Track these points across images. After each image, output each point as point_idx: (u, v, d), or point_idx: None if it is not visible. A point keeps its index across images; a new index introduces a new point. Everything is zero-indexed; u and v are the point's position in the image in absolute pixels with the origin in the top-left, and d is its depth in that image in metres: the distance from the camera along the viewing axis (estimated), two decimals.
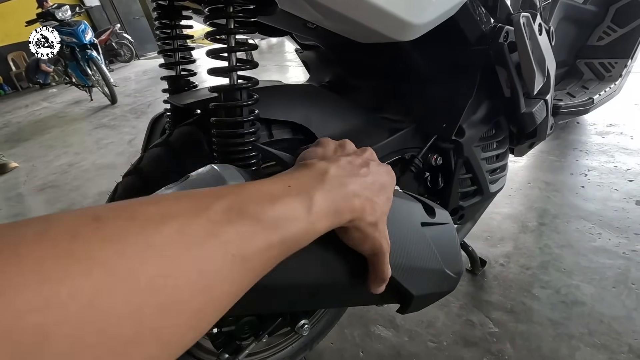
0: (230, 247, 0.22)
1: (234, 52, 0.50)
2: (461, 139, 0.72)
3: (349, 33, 0.56)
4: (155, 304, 0.18)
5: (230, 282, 0.22)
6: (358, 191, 0.31)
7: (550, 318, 0.93)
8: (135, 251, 0.18)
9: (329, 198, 0.29)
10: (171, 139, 0.60)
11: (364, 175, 0.33)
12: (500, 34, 0.62)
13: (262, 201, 0.25)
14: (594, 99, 1.01)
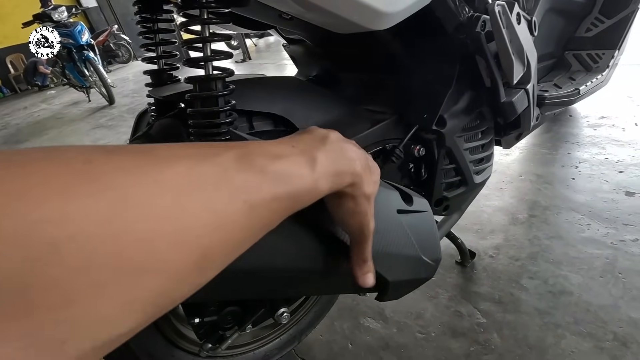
0: (239, 193, 0.23)
1: (209, 43, 0.50)
2: (443, 129, 0.73)
3: (324, 23, 0.56)
4: (166, 234, 0.18)
5: (240, 227, 0.23)
6: (355, 157, 0.32)
7: (538, 308, 0.94)
8: (148, 181, 0.19)
9: (331, 159, 0.30)
10: (152, 132, 0.61)
11: (357, 148, 0.34)
12: (477, 23, 0.63)
13: (269, 156, 0.26)
14: (580, 89, 1.01)
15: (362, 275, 0.40)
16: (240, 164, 0.24)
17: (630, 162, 1.39)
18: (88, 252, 0.15)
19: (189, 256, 0.20)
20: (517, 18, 0.67)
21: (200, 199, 0.20)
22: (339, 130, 0.72)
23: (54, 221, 0.15)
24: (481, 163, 0.86)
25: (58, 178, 0.16)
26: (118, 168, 0.18)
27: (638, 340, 0.81)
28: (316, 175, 0.28)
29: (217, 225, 0.21)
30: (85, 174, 0.17)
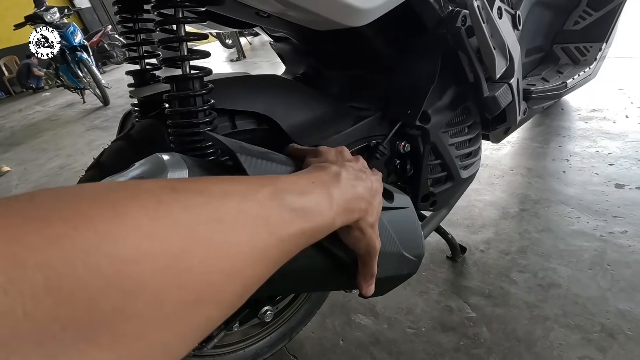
0: (274, 229, 0.25)
1: (185, 42, 0.50)
2: (427, 125, 0.73)
3: (301, 21, 0.56)
4: (221, 268, 0.21)
5: (272, 260, 0.25)
6: (363, 194, 0.36)
7: (527, 301, 0.94)
8: (207, 220, 0.21)
9: (344, 197, 0.33)
10: (132, 132, 0.61)
11: (364, 180, 0.38)
12: (457, 18, 0.62)
13: (296, 193, 0.29)
14: (567, 83, 1.01)
15: (366, 288, 0.44)
16: (273, 201, 0.26)
17: (621, 154, 1.39)
18: (163, 286, 0.18)
19: (236, 287, 0.22)
20: (499, 12, 0.67)
21: (245, 235, 0.23)
22: (323, 127, 0.72)
23: (141, 259, 0.17)
24: (468, 158, 0.86)
25: (140, 219, 0.18)
26: (183, 208, 0.20)
27: (625, 331, 0.82)
28: (333, 212, 0.31)
29: (256, 258, 0.24)
30: (159, 217, 0.19)
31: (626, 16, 1.29)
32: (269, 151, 0.48)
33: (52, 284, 0.14)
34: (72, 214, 0.16)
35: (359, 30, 0.70)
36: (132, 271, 0.16)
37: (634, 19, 2.51)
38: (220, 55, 6.37)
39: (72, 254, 0.15)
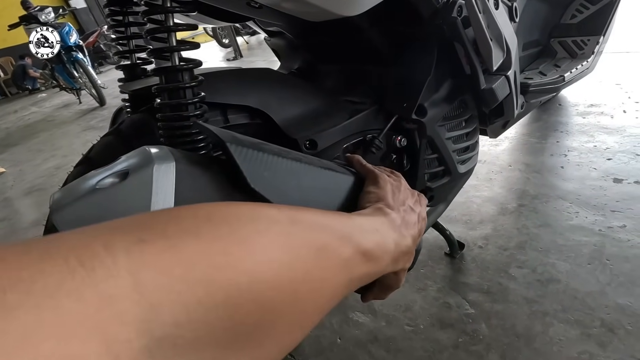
0: (350, 269, 0.28)
1: (173, 33, 0.49)
2: (423, 119, 0.72)
3: (294, 11, 0.55)
4: (317, 301, 0.25)
5: (340, 295, 0.28)
6: (411, 246, 0.38)
7: (526, 297, 0.93)
8: (313, 251, 0.26)
9: (399, 247, 0.35)
10: (122, 127, 0.59)
11: (413, 227, 0.40)
12: (453, 9, 0.61)
13: (368, 236, 0.31)
14: (564, 76, 1.00)
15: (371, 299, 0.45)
16: (351, 241, 0.29)
17: (618, 149, 1.39)
18: (287, 311, 0.22)
19: (319, 313, 0.26)
20: (495, 3, 0.66)
21: (331, 272, 0.26)
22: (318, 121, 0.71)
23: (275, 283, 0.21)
24: (465, 152, 0.85)
25: (261, 236, 0.22)
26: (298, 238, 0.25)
27: (625, 326, 0.81)
28: (390, 258, 0.34)
29: (336, 294, 0.27)
30: (286, 233, 0.24)
31: (624, 11, 1.28)
32: (261, 142, 0.47)
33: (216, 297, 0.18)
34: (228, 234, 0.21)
35: (354, 22, 0.69)
36: (261, 282, 0.20)
37: (631, 14, 2.51)
38: (217, 54, 6.35)
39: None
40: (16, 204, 2.40)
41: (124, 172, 0.37)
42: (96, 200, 0.35)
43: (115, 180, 0.36)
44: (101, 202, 0.35)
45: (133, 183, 0.36)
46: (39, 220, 2.04)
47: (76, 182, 0.38)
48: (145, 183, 0.36)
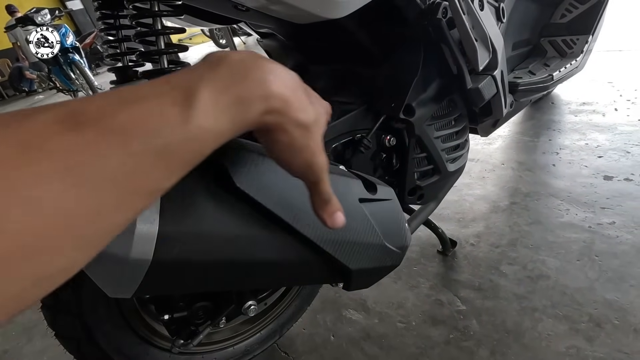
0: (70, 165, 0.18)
1: (162, 35, 0.50)
2: (411, 118, 0.73)
3: (280, 14, 0.56)
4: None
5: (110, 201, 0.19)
6: (273, 77, 0.25)
7: (516, 293, 0.94)
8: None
9: (222, 86, 0.23)
10: None
11: (280, 70, 0.27)
12: (437, 10, 0.62)
13: (114, 105, 0.20)
14: (553, 75, 1.01)
15: (329, 217, 0.35)
16: (66, 124, 0.18)
17: (609, 146, 1.40)
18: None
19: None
20: (480, 4, 0.67)
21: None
22: None
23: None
24: (455, 151, 0.86)
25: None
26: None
27: (612, 320, 0.82)
28: (195, 112, 0.21)
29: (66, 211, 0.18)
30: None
31: (616, 10, 1.29)
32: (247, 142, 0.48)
33: None
34: None
35: (342, 24, 0.70)
36: None
37: (621, 13, 2.53)
38: None
39: None
40: None
41: None
42: None
43: None
44: None
45: None
46: None
47: None
48: None
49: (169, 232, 0.37)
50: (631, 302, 0.85)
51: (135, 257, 0.36)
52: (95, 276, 0.38)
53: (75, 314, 0.58)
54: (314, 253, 0.48)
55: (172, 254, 0.38)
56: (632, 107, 1.61)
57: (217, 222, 0.41)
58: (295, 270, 0.51)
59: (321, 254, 0.49)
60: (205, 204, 0.41)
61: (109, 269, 0.37)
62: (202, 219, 0.40)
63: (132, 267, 0.36)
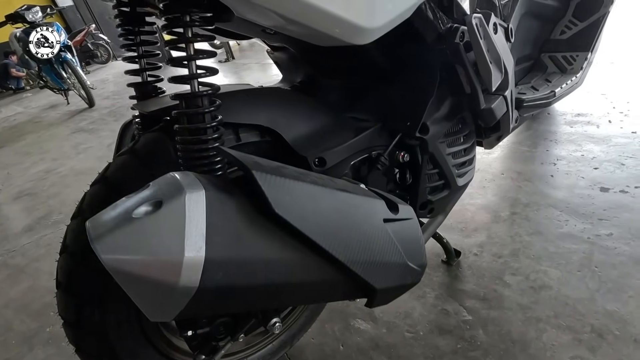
0: None
1: (194, 60, 0.50)
2: (425, 136, 0.75)
3: (307, 37, 0.57)
4: None
5: None
6: None
7: (520, 303, 0.97)
8: None
9: None
10: (137, 147, 0.61)
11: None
12: (455, 35, 0.65)
13: None
14: (555, 91, 1.05)
15: None
16: None
17: (605, 158, 1.45)
18: None
19: None
20: (494, 28, 0.69)
21: None
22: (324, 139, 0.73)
23: None
24: (464, 166, 0.89)
25: None
26: None
27: (613, 331, 0.85)
28: None
29: None
30: None
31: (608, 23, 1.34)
32: (282, 165, 0.49)
33: None
34: None
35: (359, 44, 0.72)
36: None
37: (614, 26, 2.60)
38: None
39: None
40: (5, 209, 2.35)
41: (157, 201, 0.39)
42: (134, 229, 0.36)
43: (149, 209, 0.38)
44: (139, 230, 0.36)
45: (167, 212, 0.38)
46: (30, 227, 2.01)
47: (111, 210, 0.39)
48: (179, 212, 0.38)
49: (214, 258, 0.38)
50: (631, 313, 0.88)
51: (183, 285, 0.37)
52: (138, 300, 0.39)
53: (98, 331, 0.59)
54: (343, 274, 0.50)
55: (216, 279, 0.39)
56: (625, 119, 1.67)
57: (258, 247, 0.42)
58: (324, 290, 0.52)
59: (350, 274, 0.50)
60: (248, 231, 0.42)
61: (154, 295, 0.38)
62: (245, 245, 0.41)
63: (179, 294, 0.37)
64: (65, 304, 0.58)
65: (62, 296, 0.57)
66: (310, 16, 0.47)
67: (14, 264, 1.66)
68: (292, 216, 0.43)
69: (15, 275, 1.57)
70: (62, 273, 0.57)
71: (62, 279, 0.57)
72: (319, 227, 0.45)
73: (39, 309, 1.35)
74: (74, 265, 0.56)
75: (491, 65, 0.68)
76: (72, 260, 0.57)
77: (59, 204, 2.21)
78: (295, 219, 0.43)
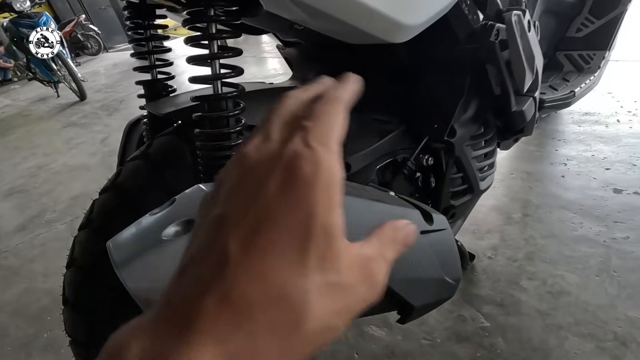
0: None
1: (218, 59, 0.46)
2: (452, 139, 0.71)
3: (338, 34, 0.53)
4: None
5: None
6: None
7: (539, 309, 0.95)
8: None
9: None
10: (150, 151, 0.56)
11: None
12: (491, 32, 0.61)
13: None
14: (575, 91, 1.02)
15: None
16: None
17: (616, 158, 1.43)
18: None
19: None
20: (528, 25, 0.66)
21: None
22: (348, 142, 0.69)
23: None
24: (486, 170, 0.85)
25: None
26: None
27: (637, 339, 0.83)
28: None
29: None
30: None
31: None
32: None
33: None
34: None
35: None
36: None
37: None
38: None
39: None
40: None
41: (187, 220, 0.34)
42: (165, 253, 0.32)
43: (179, 229, 0.34)
44: (170, 255, 0.32)
45: None
46: (23, 225, 1.94)
47: (135, 230, 0.35)
48: None
49: None
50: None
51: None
52: None
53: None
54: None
55: None
56: (633, 119, 1.65)
57: None
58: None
59: (387, 291, 0.47)
60: None
61: None
62: None
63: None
64: (74, 323, 0.53)
65: (70, 314, 0.53)
66: (351, 12, 0.43)
67: (7, 265, 1.60)
68: None
69: (9, 277, 1.51)
70: (70, 289, 0.52)
71: (69, 296, 0.52)
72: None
73: (36, 313, 1.30)
74: (83, 280, 0.52)
75: (526, 64, 0.64)
76: (80, 274, 0.52)
77: (52, 202, 2.14)
78: None
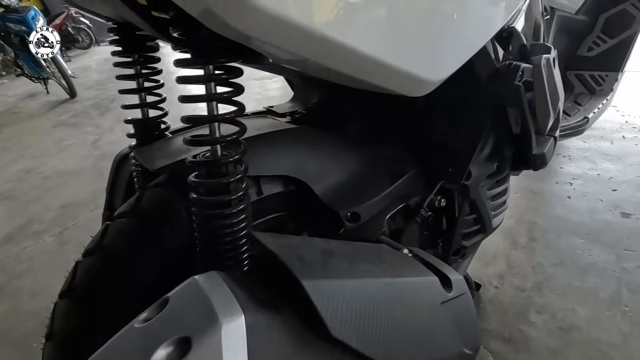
0: None
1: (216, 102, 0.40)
2: (468, 182, 0.67)
3: (351, 84, 0.48)
4: None
5: None
6: None
7: (549, 347, 0.91)
8: None
9: None
10: (141, 206, 0.50)
11: None
12: (516, 74, 0.56)
13: None
14: (588, 117, 0.98)
15: None
16: None
17: (622, 179, 1.40)
18: None
19: None
20: (554, 62, 0.61)
21: None
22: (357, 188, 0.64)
23: None
24: (499, 208, 0.81)
25: None
26: None
27: None
28: None
29: None
30: None
31: None
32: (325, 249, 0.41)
33: None
34: None
35: None
36: None
37: None
38: None
39: None
40: None
41: (182, 339, 0.29)
42: None
43: (172, 350, 0.29)
44: None
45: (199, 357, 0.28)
46: (9, 237, 1.87)
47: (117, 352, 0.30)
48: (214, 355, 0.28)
49: None
50: None
51: None
52: None
53: None
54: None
55: None
56: (639, 136, 1.62)
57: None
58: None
59: None
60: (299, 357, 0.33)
61: None
62: None
63: None
64: None
65: None
66: (369, 70, 0.37)
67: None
68: (349, 336, 0.34)
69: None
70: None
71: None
72: (378, 343, 0.37)
73: (21, 337, 1.24)
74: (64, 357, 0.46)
75: (550, 107, 0.60)
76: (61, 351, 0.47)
77: (41, 211, 2.06)
78: (353, 339, 0.34)
